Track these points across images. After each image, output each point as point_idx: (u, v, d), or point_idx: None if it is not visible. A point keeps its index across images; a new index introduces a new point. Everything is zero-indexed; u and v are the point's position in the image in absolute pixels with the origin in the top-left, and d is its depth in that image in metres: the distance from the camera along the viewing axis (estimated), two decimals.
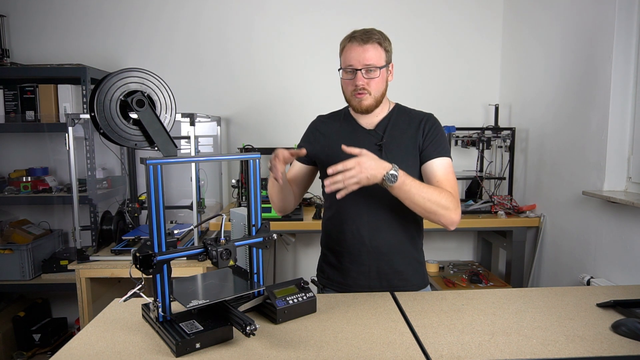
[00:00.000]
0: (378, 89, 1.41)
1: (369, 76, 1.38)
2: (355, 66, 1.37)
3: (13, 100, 2.76)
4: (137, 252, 1.03)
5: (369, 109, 1.42)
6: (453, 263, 3.12)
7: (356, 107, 1.43)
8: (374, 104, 1.42)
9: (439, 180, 1.39)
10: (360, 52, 1.37)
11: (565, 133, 2.42)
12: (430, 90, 3.14)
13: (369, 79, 1.38)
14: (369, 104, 1.41)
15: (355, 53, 1.37)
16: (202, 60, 3.10)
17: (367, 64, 1.37)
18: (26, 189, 2.76)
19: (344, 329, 1.14)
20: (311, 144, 1.55)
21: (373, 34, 1.39)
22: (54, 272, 2.74)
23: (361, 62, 1.37)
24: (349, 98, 1.44)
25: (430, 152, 1.42)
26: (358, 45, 1.37)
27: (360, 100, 1.40)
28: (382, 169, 1.22)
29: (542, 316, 1.21)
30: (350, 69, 1.39)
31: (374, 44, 1.38)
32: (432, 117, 1.50)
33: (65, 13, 3.00)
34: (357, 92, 1.39)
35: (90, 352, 1.03)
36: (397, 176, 1.23)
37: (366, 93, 1.39)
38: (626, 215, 1.99)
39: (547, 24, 2.60)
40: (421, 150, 1.44)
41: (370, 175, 1.21)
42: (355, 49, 1.37)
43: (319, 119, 1.61)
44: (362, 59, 1.37)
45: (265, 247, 1.22)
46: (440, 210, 1.29)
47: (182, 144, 2.62)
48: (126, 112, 1.08)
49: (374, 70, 1.38)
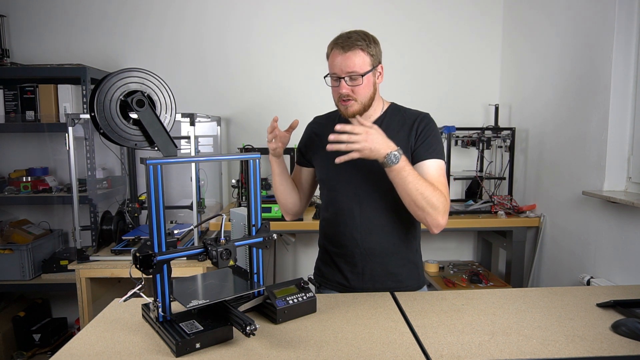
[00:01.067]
0: (364, 95, 1.38)
1: (353, 84, 1.35)
2: (339, 74, 1.35)
3: (13, 100, 2.76)
4: (137, 252, 1.03)
5: (355, 114, 1.40)
6: (453, 263, 3.12)
7: (343, 113, 1.42)
8: (361, 110, 1.40)
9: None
10: (342, 60, 1.34)
11: (565, 133, 2.42)
12: (430, 90, 3.14)
13: (353, 86, 1.35)
14: (354, 110, 1.39)
15: (337, 61, 1.35)
16: (203, 60, 3.10)
17: (350, 72, 1.34)
18: (26, 189, 2.76)
19: (344, 329, 1.14)
20: (308, 146, 1.55)
21: (355, 40, 1.34)
22: (54, 272, 2.73)
23: (344, 71, 1.34)
24: (336, 104, 1.43)
25: (421, 153, 1.38)
26: (339, 53, 1.34)
27: (346, 107, 1.38)
28: (386, 147, 1.23)
29: (542, 316, 1.20)
30: (334, 76, 1.37)
31: (356, 51, 1.33)
32: (427, 117, 1.45)
33: (66, 13, 3.01)
34: (342, 99, 1.37)
35: (90, 352, 1.03)
36: (399, 158, 1.24)
37: (351, 100, 1.37)
38: (626, 215, 1.99)
39: (547, 24, 2.60)
40: (412, 151, 1.40)
41: (374, 147, 1.22)
42: (337, 57, 1.35)
43: (314, 121, 1.61)
44: (344, 67, 1.34)
45: (265, 247, 1.22)
46: (429, 208, 1.27)
47: (182, 144, 2.62)
48: (126, 112, 1.08)
49: (356, 78, 1.35)
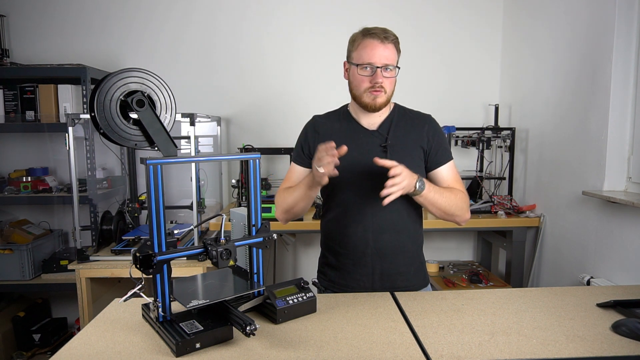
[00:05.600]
0: (391, 89, 1.42)
1: (387, 75, 1.38)
2: (376, 64, 1.36)
3: (13, 100, 2.75)
4: (137, 252, 1.03)
5: (381, 107, 1.42)
6: (453, 263, 3.12)
7: (369, 104, 1.41)
8: (386, 103, 1.43)
9: (450, 185, 1.46)
10: (382, 49, 1.36)
11: (565, 133, 2.42)
12: (430, 90, 3.14)
13: (386, 77, 1.38)
14: (382, 102, 1.41)
15: (376, 50, 1.36)
16: (202, 60, 3.10)
17: (387, 63, 1.37)
18: (26, 189, 2.76)
19: (344, 329, 1.14)
20: (310, 145, 1.52)
21: (390, 32, 1.39)
22: (54, 272, 2.73)
23: (382, 60, 1.36)
24: (361, 94, 1.41)
25: (438, 160, 1.46)
26: (379, 42, 1.36)
27: (375, 98, 1.39)
28: (413, 179, 1.29)
29: (542, 316, 1.20)
30: (369, 65, 1.37)
31: (393, 44, 1.38)
32: (434, 120, 1.52)
33: (66, 13, 3.01)
34: (375, 89, 1.38)
35: (90, 352, 1.03)
36: (424, 184, 1.32)
37: (382, 91, 1.39)
38: (626, 215, 1.98)
39: (548, 24, 2.60)
40: (428, 156, 1.46)
41: (409, 183, 1.27)
42: (376, 46, 1.36)
43: (315, 119, 1.57)
44: (383, 58, 1.36)
45: (265, 247, 1.21)
46: (458, 211, 1.41)
47: (182, 144, 2.61)
48: (126, 112, 1.08)
49: (392, 69, 1.38)
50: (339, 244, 1.48)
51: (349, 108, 1.52)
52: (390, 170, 1.24)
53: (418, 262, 1.52)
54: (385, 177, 1.35)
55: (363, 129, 1.48)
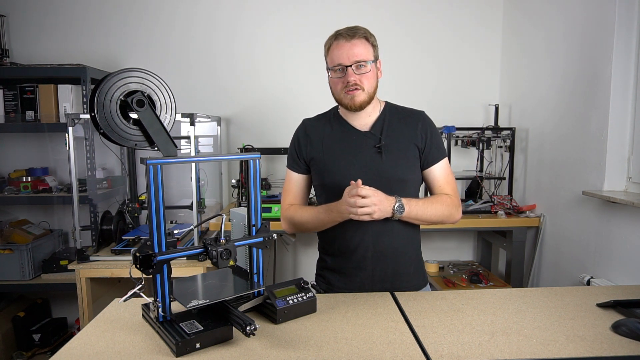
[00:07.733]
0: (370, 85, 1.38)
1: (360, 72, 1.35)
2: (344, 63, 1.34)
3: (13, 100, 2.75)
4: (137, 252, 1.03)
5: (362, 105, 1.38)
6: (453, 263, 3.12)
7: (349, 104, 1.38)
8: (367, 100, 1.39)
9: (440, 185, 1.46)
10: (348, 48, 1.34)
11: (565, 133, 2.42)
12: (430, 90, 3.14)
13: (360, 74, 1.35)
14: (362, 100, 1.37)
15: (343, 50, 1.34)
16: (202, 60, 3.10)
17: (357, 60, 1.34)
18: (26, 189, 2.76)
19: (344, 329, 1.14)
20: (303, 150, 1.50)
21: (358, 29, 1.36)
22: (54, 272, 2.73)
23: (350, 59, 1.34)
24: (339, 97, 1.40)
25: (433, 158, 1.45)
26: (345, 41, 1.34)
27: (352, 97, 1.36)
28: (389, 203, 1.29)
29: (542, 316, 1.20)
30: (339, 67, 1.36)
31: (361, 39, 1.35)
32: (427, 117, 1.49)
33: (65, 13, 3.01)
34: (349, 89, 1.36)
35: (90, 352, 1.03)
36: (403, 206, 1.31)
37: (359, 89, 1.36)
38: (626, 215, 1.98)
39: (548, 24, 2.60)
40: (422, 154, 1.45)
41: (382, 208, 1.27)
42: (342, 46, 1.34)
43: (305, 124, 1.55)
44: (350, 55, 1.34)
45: (265, 247, 1.21)
46: (445, 218, 1.43)
47: (182, 144, 2.61)
48: (126, 112, 1.08)
49: (364, 65, 1.35)
50: (339, 248, 1.47)
51: (339, 110, 1.50)
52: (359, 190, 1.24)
53: (417, 262, 1.52)
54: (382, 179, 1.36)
55: (355, 130, 1.45)
